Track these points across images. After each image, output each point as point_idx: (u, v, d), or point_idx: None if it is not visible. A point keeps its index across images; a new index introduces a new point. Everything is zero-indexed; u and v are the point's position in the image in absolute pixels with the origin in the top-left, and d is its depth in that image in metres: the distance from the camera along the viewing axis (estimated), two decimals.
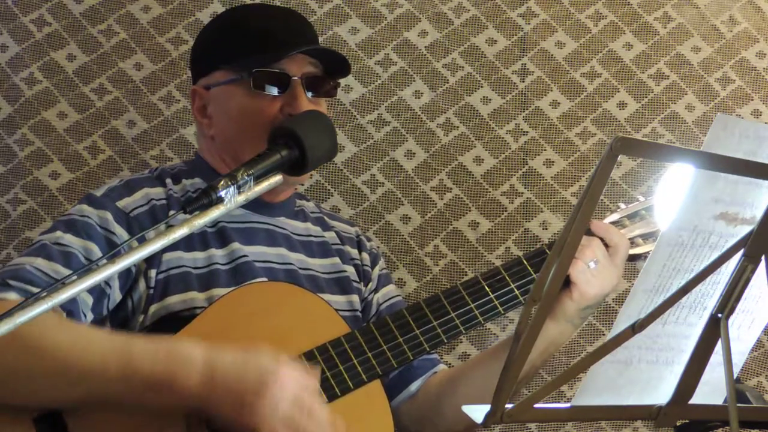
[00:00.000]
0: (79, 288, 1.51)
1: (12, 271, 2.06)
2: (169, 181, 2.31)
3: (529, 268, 2.25)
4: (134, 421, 1.97)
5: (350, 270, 2.42)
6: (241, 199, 1.73)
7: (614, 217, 2.34)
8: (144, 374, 1.89)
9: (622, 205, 2.38)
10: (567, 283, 2.18)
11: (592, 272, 2.18)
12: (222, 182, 1.71)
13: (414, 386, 2.37)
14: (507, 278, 2.24)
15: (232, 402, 1.90)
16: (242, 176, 1.74)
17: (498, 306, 2.22)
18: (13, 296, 2.00)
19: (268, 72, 2.28)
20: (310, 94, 2.30)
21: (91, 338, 1.96)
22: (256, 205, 2.31)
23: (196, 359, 1.91)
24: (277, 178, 1.81)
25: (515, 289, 2.23)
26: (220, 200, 1.70)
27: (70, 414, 1.96)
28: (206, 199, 1.69)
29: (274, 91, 2.28)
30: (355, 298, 2.40)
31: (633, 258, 2.30)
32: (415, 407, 2.36)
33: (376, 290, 2.46)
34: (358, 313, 2.39)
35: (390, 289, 2.49)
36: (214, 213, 1.68)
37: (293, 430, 1.91)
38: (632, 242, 2.31)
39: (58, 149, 2.99)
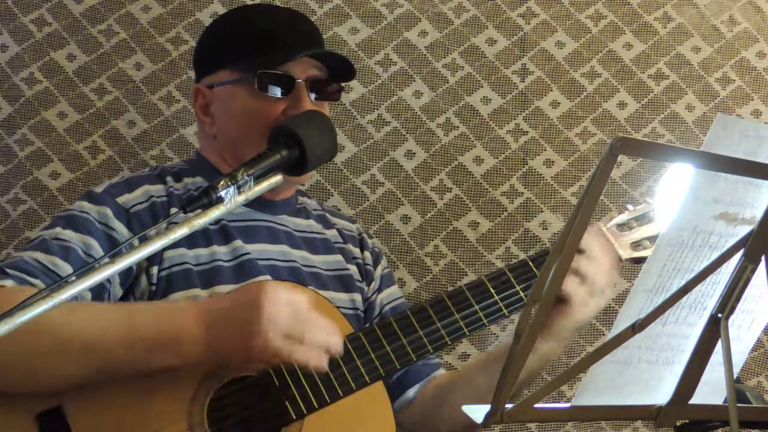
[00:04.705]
0: (81, 287, 1.51)
1: (10, 263, 2.08)
2: (169, 179, 2.31)
3: (534, 269, 2.23)
4: (135, 417, 1.98)
5: (353, 269, 2.43)
6: (241, 199, 1.73)
7: (622, 218, 2.33)
8: (149, 335, 1.94)
9: (630, 207, 2.36)
10: (561, 303, 2.18)
11: (591, 297, 2.18)
12: (222, 182, 1.71)
13: (411, 392, 2.37)
14: (512, 280, 2.23)
15: (236, 335, 1.94)
16: (242, 176, 1.74)
17: (503, 308, 2.21)
18: (9, 283, 2.02)
19: (272, 74, 2.28)
20: (313, 97, 2.30)
21: (91, 309, 2.00)
22: (257, 203, 2.31)
23: (195, 312, 1.96)
24: (277, 178, 1.81)
25: (520, 292, 2.22)
26: (220, 200, 1.70)
27: (72, 410, 1.97)
28: (206, 199, 1.69)
29: (278, 92, 2.28)
30: (358, 296, 2.40)
31: (639, 261, 2.29)
32: (412, 413, 2.35)
33: (379, 290, 2.46)
34: (360, 312, 2.39)
35: (393, 291, 2.48)
36: (214, 213, 1.69)
37: (298, 337, 1.94)
38: (639, 245, 2.31)
39: (58, 149, 2.99)
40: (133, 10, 3.07)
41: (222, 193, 1.70)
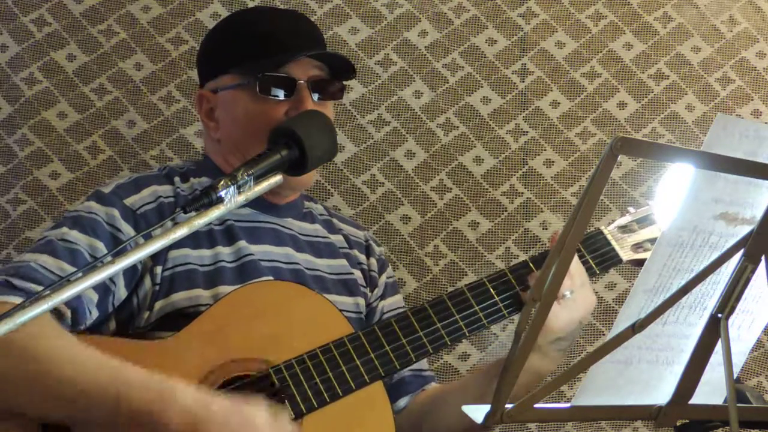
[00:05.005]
0: (82, 286, 1.51)
1: (16, 268, 2.06)
2: (177, 179, 2.31)
3: (535, 271, 2.23)
4: None
5: (357, 274, 2.43)
6: (241, 199, 1.73)
7: (623, 221, 2.33)
8: (132, 406, 1.89)
9: (632, 209, 2.36)
10: None
11: (560, 306, 2.13)
12: (222, 182, 1.71)
13: (402, 402, 2.38)
14: (513, 281, 2.23)
15: None
16: (242, 176, 1.74)
17: (503, 309, 2.21)
18: (17, 301, 2.00)
19: (273, 76, 2.28)
20: (316, 97, 2.30)
21: (86, 359, 1.95)
22: (263, 206, 2.32)
23: (183, 404, 1.90)
24: (277, 178, 1.81)
25: (521, 293, 2.22)
26: (220, 200, 1.70)
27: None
28: (206, 199, 1.69)
29: (281, 94, 2.29)
30: (361, 300, 2.40)
31: (640, 263, 2.28)
32: (400, 422, 2.35)
33: (382, 297, 2.46)
34: (363, 316, 2.40)
35: (396, 300, 2.48)
36: (215, 213, 1.69)
37: None
38: (641, 247, 2.30)
39: (58, 149, 2.99)
40: (133, 10, 3.07)
41: (222, 193, 1.70)
